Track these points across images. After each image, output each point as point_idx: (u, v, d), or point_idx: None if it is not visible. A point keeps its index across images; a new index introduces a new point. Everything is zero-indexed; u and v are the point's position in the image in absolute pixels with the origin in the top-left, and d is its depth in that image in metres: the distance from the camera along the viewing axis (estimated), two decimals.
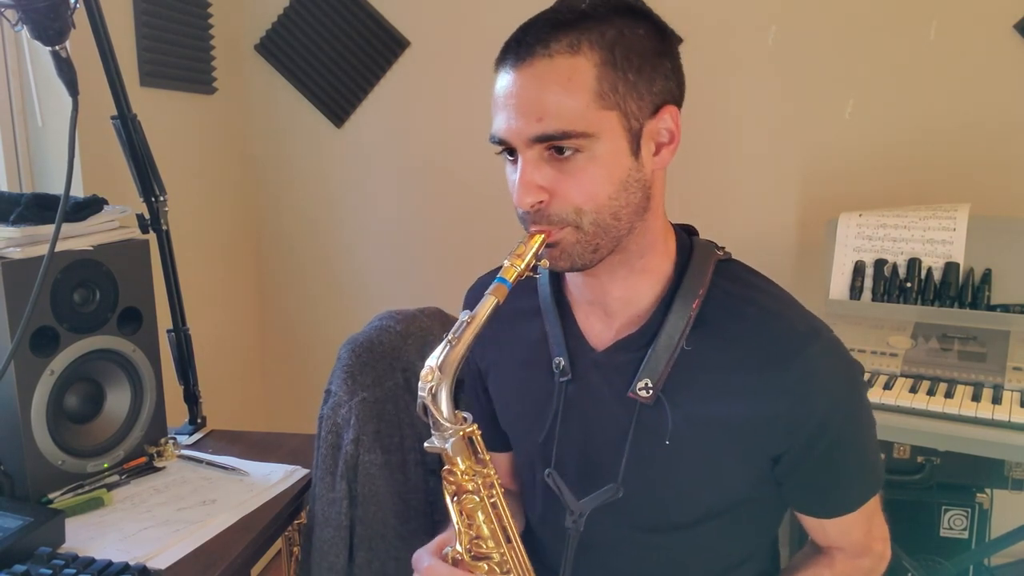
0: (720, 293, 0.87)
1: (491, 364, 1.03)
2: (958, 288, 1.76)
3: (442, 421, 0.79)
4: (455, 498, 0.83)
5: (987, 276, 1.75)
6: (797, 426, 0.84)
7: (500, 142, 0.82)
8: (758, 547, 0.98)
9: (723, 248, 0.93)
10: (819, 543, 0.96)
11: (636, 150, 0.81)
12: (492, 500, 0.84)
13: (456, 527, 0.84)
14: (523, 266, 0.80)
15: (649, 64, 0.80)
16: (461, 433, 0.80)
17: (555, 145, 0.78)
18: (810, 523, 0.94)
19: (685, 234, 0.93)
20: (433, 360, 0.78)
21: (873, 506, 0.93)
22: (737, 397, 0.84)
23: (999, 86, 2.06)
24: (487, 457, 0.84)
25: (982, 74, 2.06)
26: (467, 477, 0.82)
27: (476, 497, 0.82)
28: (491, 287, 0.79)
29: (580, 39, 0.78)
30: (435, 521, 1.29)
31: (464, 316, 0.79)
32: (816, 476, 0.88)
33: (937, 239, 1.80)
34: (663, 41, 0.83)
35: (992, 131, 2.08)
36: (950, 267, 1.77)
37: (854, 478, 0.90)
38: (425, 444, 0.82)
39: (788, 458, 0.86)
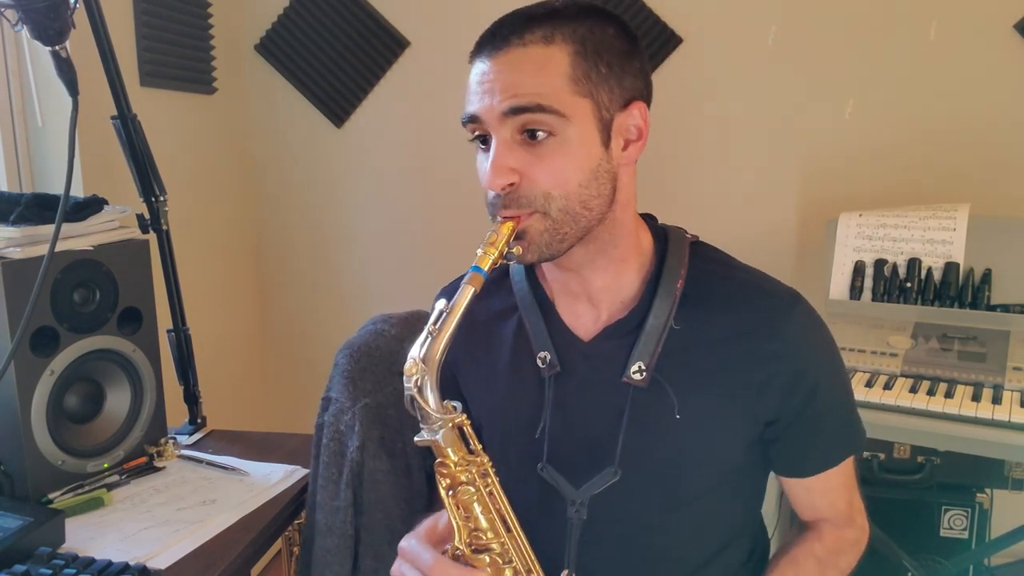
0: (698, 272, 0.91)
1: (470, 369, 1.02)
2: (958, 288, 1.76)
3: (431, 413, 0.78)
4: (450, 492, 0.82)
5: (987, 276, 1.75)
6: (790, 388, 0.88)
7: (471, 119, 0.83)
8: (747, 522, 1.00)
9: (686, 232, 0.96)
10: (806, 518, 0.99)
11: (607, 141, 0.83)
12: (488, 489, 0.83)
13: (454, 522, 0.83)
14: (496, 254, 0.80)
15: (619, 61, 0.83)
16: (451, 423, 0.79)
17: (528, 128, 0.80)
18: (798, 494, 0.97)
19: (652, 220, 0.97)
20: (416, 352, 0.77)
21: (852, 475, 0.97)
22: (729, 368, 0.87)
23: (999, 86, 2.06)
24: (479, 447, 0.83)
25: (982, 74, 2.06)
26: (460, 468, 0.81)
27: (471, 488, 0.81)
28: (467, 276, 0.79)
29: (553, 32, 0.81)
30: None
31: (441, 305, 0.79)
32: (804, 433, 0.91)
33: (937, 239, 1.80)
34: (631, 43, 0.85)
35: (992, 131, 2.08)
36: (950, 267, 1.77)
37: (838, 432, 0.94)
38: (415, 438, 0.81)
39: (780, 421, 0.90)
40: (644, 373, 0.87)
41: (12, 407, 1.15)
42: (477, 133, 0.85)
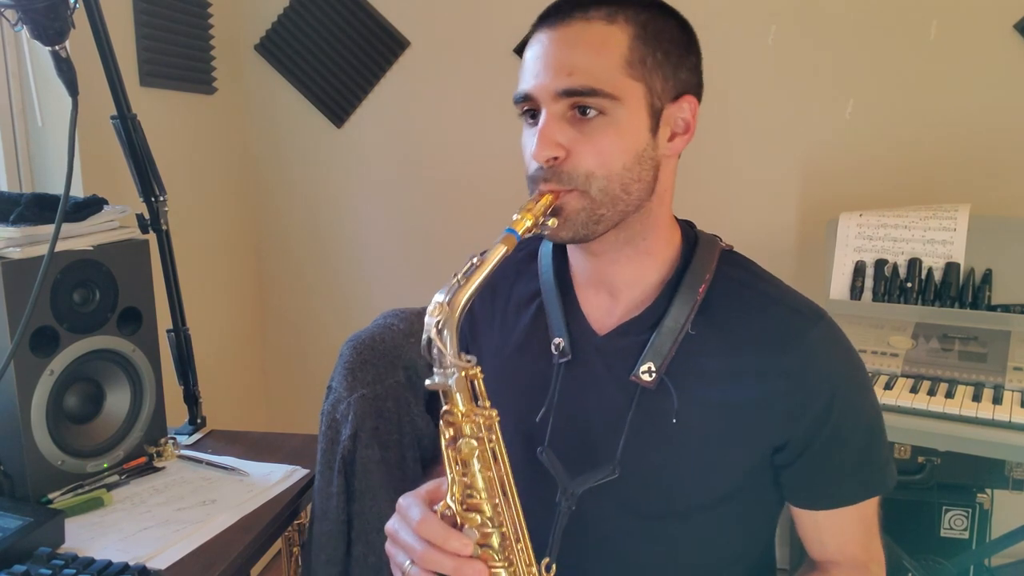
0: (724, 280, 0.89)
1: (483, 344, 1.02)
2: (958, 288, 1.76)
3: (448, 357, 0.77)
4: (452, 444, 0.80)
5: (987, 276, 1.75)
6: (800, 409, 0.84)
7: (525, 98, 0.83)
8: (752, 547, 0.97)
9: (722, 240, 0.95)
10: (815, 558, 0.95)
11: (655, 128, 0.84)
12: (492, 446, 0.81)
13: (450, 476, 0.81)
14: (532, 222, 0.80)
15: (676, 52, 0.85)
16: (464, 373, 0.78)
17: (579, 104, 0.80)
18: (808, 530, 0.93)
19: (688, 227, 0.95)
20: (441, 296, 0.77)
21: (872, 521, 0.92)
22: (740, 381, 0.85)
23: (999, 86, 2.06)
24: (488, 403, 0.81)
25: (982, 74, 2.06)
26: (467, 419, 0.79)
27: (474, 441, 0.79)
28: (501, 236, 0.79)
29: (617, 12, 0.82)
30: None
31: (473, 259, 0.79)
32: (816, 463, 0.87)
33: (937, 239, 1.80)
34: (690, 39, 0.87)
35: (992, 131, 2.07)
36: (950, 267, 1.77)
37: (855, 469, 0.89)
38: (427, 382, 0.79)
39: (790, 447, 0.87)
40: (654, 375, 0.86)
41: (12, 407, 1.15)
42: (527, 108, 0.84)
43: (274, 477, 1.28)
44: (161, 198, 1.42)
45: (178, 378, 1.50)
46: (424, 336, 0.77)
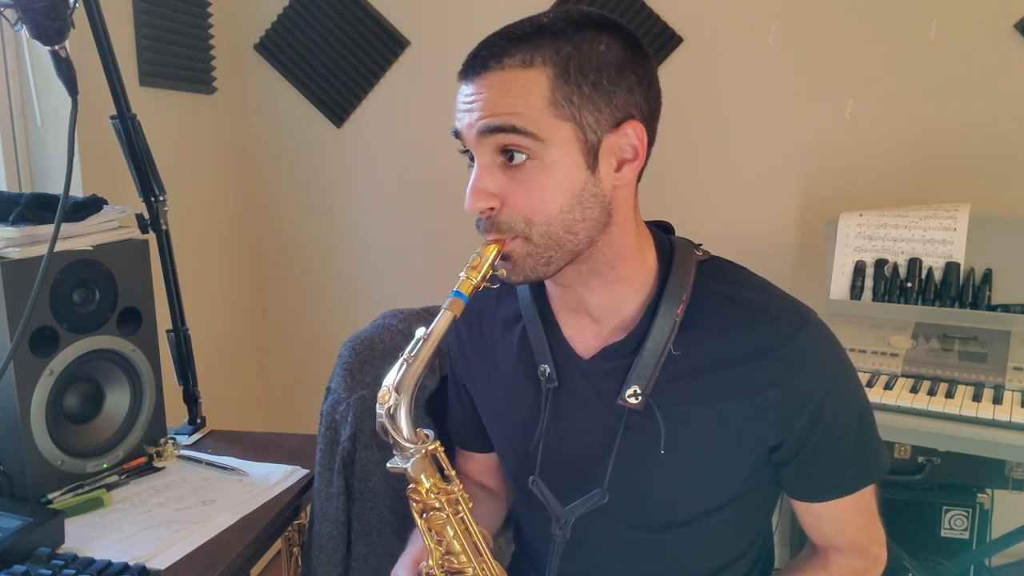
0: (704, 293, 0.87)
1: (475, 371, 1.03)
2: (958, 288, 1.76)
3: (402, 442, 0.79)
4: (423, 515, 0.83)
5: (988, 276, 1.75)
6: (792, 416, 0.84)
7: (456, 135, 0.83)
8: (753, 543, 0.98)
9: (700, 246, 0.93)
10: (816, 543, 0.96)
11: (593, 164, 0.80)
12: (459, 516, 0.84)
13: (427, 544, 0.84)
14: (479, 278, 0.79)
15: (608, 78, 0.79)
16: (423, 452, 0.80)
17: (506, 148, 0.78)
18: (807, 518, 0.94)
19: (663, 233, 0.93)
20: (389, 380, 0.78)
21: (870, 504, 0.93)
22: (728, 396, 0.85)
23: (999, 86, 2.06)
24: (452, 473, 0.84)
25: (982, 74, 2.06)
26: (432, 495, 0.81)
27: (443, 514, 0.82)
28: (447, 301, 0.79)
29: (534, 54, 0.77)
30: None
31: (420, 333, 0.79)
32: (812, 461, 0.88)
33: (937, 239, 1.80)
34: (631, 55, 0.81)
35: (992, 131, 2.08)
36: (950, 267, 1.77)
37: (850, 461, 0.89)
38: (388, 464, 0.82)
39: (785, 447, 0.87)
40: (640, 397, 0.86)
41: (12, 407, 1.15)
42: (466, 150, 0.83)
43: (274, 477, 1.28)
44: (161, 198, 1.42)
45: (178, 378, 1.49)
46: (377, 423, 0.79)
